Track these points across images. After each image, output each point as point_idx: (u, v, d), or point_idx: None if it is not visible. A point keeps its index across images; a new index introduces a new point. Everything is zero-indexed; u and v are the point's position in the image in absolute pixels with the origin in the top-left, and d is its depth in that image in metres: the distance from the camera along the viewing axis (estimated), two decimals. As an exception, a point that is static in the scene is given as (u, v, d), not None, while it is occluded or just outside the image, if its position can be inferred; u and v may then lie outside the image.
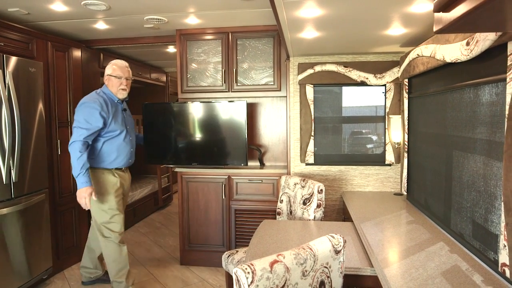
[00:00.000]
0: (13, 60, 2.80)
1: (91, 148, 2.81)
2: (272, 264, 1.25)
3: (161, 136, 3.63)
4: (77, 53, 3.70)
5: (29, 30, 3.13)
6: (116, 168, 2.94)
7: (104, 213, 2.85)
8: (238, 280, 1.21)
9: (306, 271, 1.36)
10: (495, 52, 1.52)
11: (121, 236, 2.91)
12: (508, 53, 1.36)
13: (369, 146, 3.37)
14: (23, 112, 2.88)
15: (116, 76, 2.90)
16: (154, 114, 3.70)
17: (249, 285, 1.19)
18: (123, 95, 2.95)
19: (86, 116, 2.72)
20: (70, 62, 3.59)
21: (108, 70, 2.92)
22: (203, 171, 3.51)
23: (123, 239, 2.93)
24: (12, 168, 2.79)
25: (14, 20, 3.12)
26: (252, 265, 1.22)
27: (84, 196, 2.66)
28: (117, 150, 2.89)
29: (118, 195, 2.92)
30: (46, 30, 3.45)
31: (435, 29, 1.09)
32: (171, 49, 4.50)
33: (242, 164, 3.44)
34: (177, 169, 3.59)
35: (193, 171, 3.53)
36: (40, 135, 3.11)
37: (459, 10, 0.90)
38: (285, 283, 1.28)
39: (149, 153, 3.63)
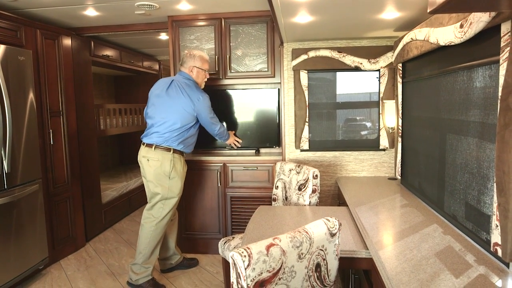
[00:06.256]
0: (1, 48, 2.75)
1: (184, 132, 2.94)
2: (268, 247, 1.26)
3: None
4: (67, 41, 3.64)
5: (17, 17, 3.07)
6: (185, 153, 3.06)
7: (172, 193, 2.92)
8: (234, 264, 1.22)
9: (302, 254, 1.37)
10: (488, 34, 1.52)
11: (169, 220, 3.00)
12: (502, 34, 1.36)
13: (363, 132, 3.38)
14: (13, 101, 2.84)
15: (205, 70, 3.07)
16: None
17: (245, 269, 1.20)
18: (203, 86, 3.14)
19: (210, 105, 3.00)
20: (60, 50, 3.52)
21: (196, 62, 3.01)
22: (198, 158, 3.51)
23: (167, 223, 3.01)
24: (4, 159, 2.76)
25: (0, 7, 3.05)
26: (249, 248, 1.22)
27: (233, 138, 3.39)
28: (196, 136, 3.10)
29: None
30: (34, 18, 3.38)
31: (429, 9, 1.08)
32: (163, 36, 4.44)
33: (274, 146, 3.67)
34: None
35: (188, 158, 3.52)
36: (31, 125, 3.07)
37: (454, -11, 0.89)
38: (281, 266, 1.29)
39: None
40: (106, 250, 3.79)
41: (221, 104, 3.65)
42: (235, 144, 3.45)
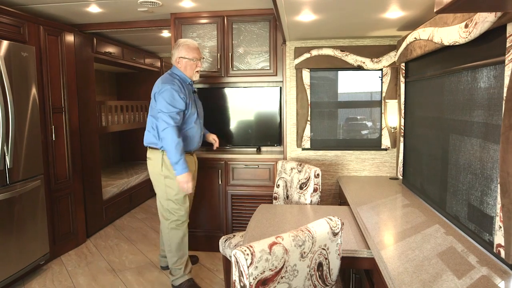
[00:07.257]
0: (5, 44, 2.75)
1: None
2: (271, 246, 1.26)
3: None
4: (70, 38, 3.64)
5: (20, 13, 3.06)
6: (186, 152, 2.80)
7: (172, 195, 2.80)
8: (237, 262, 1.22)
9: (304, 252, 1.37)
10: (493, 34, 1.51)
11: (184, 221, 2.87)
12: (507, 35, 1.35)
13: (364, 131, 3.37)
14: (16, 97, 2.84)
15: (192, 58, 2.80)
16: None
17: (248, 267, 1.20)
18: (197, 77, 2.90)
19: (170, 100, 2.63)
20: (63, 46, 3.52)
21: (181, 52, 2.79)
22: (200, 156, 3.50)
23: (185, 225, 2.89)
24: (6, 154, 2.76)
25: (4, 3, 3.04)
26: (251, 247, 1.22)
27: (187, 181, 2.66)
28: (191, 133, 2.85)
29: None
30: (37, 14, 3.38)
31: (436, 9, 1.07)
32: (166, 33, 4.43)
33: (276, 145, 3.66)
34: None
35: (190, 156, 3.52)
36: (34, 121, 3.07)
37: (462, -12, 0.89)
38: (283, 264, 1.29)
39: None
40: (106, 247, 3.80)
41: (222, 102, 3.67)
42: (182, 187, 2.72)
